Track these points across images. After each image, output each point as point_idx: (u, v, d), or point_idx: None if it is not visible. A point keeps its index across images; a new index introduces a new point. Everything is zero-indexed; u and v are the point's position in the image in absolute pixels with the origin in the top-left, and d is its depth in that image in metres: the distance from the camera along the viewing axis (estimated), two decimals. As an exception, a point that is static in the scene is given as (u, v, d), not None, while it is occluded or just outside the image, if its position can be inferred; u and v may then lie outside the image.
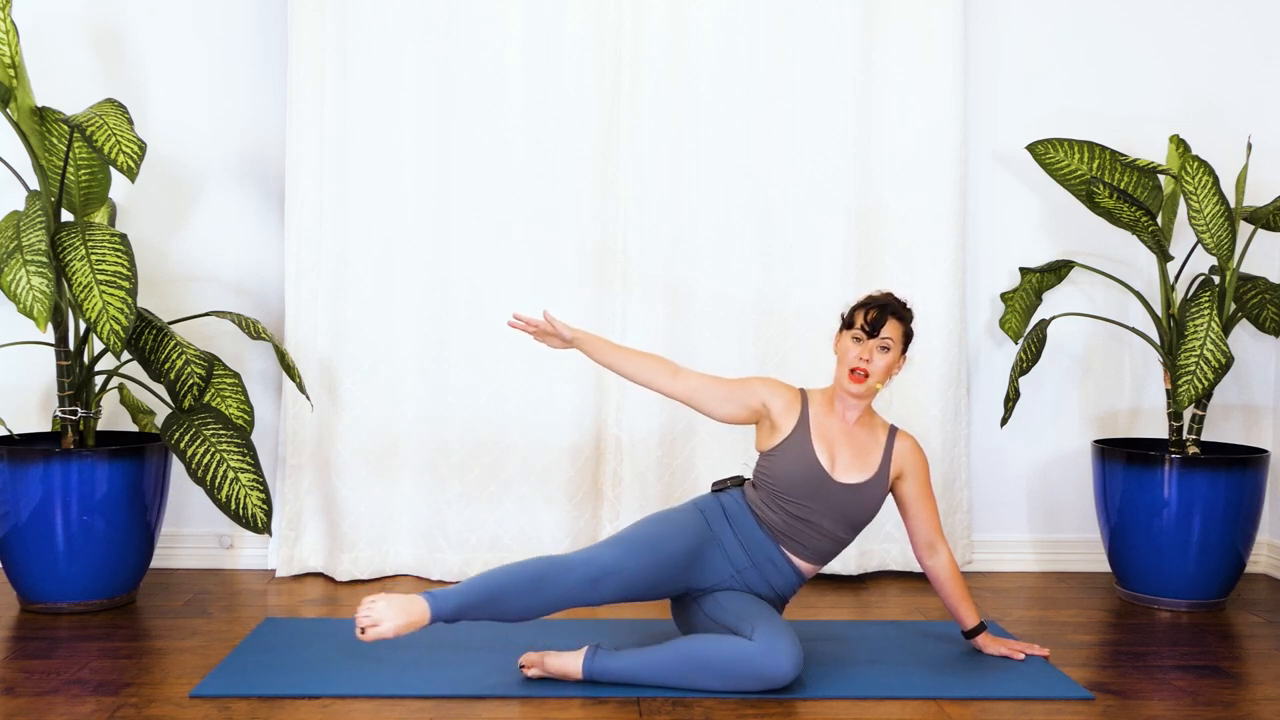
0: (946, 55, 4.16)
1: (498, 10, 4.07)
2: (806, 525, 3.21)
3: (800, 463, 3.21)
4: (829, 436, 3.25)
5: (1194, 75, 4.35)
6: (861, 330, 3.22)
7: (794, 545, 3.22)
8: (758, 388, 3.28)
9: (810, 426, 3.25)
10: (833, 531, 3.23)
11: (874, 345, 3.21)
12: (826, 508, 3.21)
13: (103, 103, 3.59)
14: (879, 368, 3.21)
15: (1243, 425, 4.41)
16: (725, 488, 3.32)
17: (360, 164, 4.08)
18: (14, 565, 3.68)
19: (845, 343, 3.25)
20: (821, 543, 3.24)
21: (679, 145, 4.13)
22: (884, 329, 3.21)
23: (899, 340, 3.24)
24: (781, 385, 3.31)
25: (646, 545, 3.11)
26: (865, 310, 3.24)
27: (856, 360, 3.20)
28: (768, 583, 3.23)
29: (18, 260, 3.41)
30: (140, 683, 3.08)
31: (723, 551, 3.21)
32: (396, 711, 2.91)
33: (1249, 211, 3.92)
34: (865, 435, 3.29)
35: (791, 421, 3.25)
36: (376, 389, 4.11)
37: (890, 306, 3.24)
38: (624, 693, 3.02)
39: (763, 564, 3.22)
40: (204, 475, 3.57)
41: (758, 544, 3.22)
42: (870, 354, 3.20)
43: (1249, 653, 3.51)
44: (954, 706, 2.99)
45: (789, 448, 3.22)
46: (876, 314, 3.21)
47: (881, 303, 3.24)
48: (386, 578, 4.14)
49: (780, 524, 3.21)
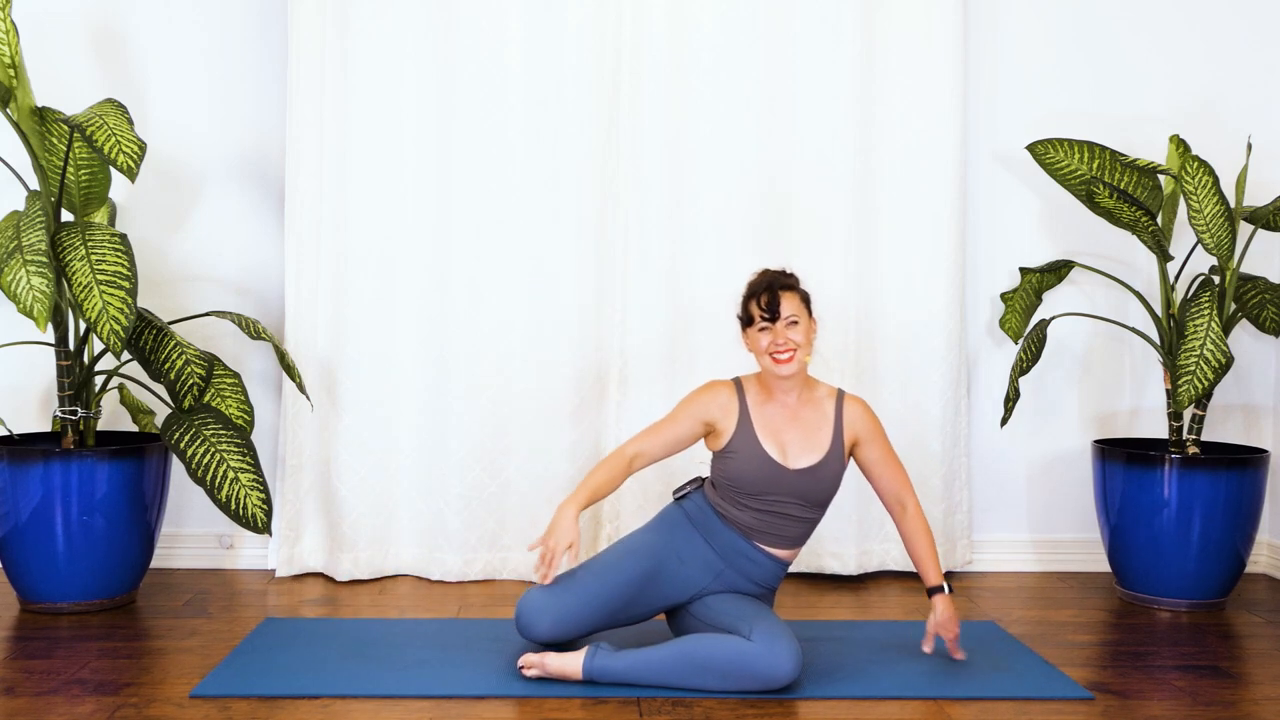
0: (946, 55, 4.16)
1: (498, 10, 4.07)
2: (772, 515, 3.20)
3: (751, 461, 3.19)
4: (773, 426, 3.22)
5: (1194, 75, 4.35)
6: (763, 319, 3.18)
7: (765, 537, 3.21)
8: (690, 411, 3.24)
9: (752, 421, 3.22)
10: (800, 515, 3.22)
11: (782, 327, 3.17)
12: (787, 495, 3.19)
13: (103, 103, 3.59)
14: (798, 340, 3.17)
15: (1243, 425, 4.41)
16: (686, 494, 3.30)
17: (360, 164, 4.08)
18: (14, 565, 3.68)
19: (754, 338, 3.21)
20: (791, 528, 3.22)
21: (679, 145, 4.13)
22: (782, 307, 3.17)
23: (801, 309, 3.20)
24: (709, 389, 3.27)
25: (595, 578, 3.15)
26: (756, 299, 3.19)
27: (774, 347, 3.17)
28: (748, 578, 3.22)
29: (18, 260, 3.41)
30: (140, 683, 3.08)
31: (694, 560, 3.20)
32: (396, 711, 2.91)
33: (1249, 211, 3.92)
34: (811, 412, 3.25)
35: (733, 421, 3.22)
36: (376, 389, 4.11)
37: (776, 283, 3.20)
38: (624, 693, 3.02)
39: (738, 561, 3.21)
40: (204, 475, 3.57)
41: (728, 543, 3.21)
42: (783, 337, 3.17)
43: (1249, 653, 3.51)
44: (954, 706, 2.99)
45: (737, 448, 3.20)
46: (769, 298, 3.17)
47: (767, 284, 3.20)
48: (386, 578, 4.14)
49: (747, 519, 3.20)
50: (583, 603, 3.13)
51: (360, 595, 3.95)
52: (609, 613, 3.15)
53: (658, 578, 3.18)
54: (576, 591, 3.13)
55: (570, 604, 3.12)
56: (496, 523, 4.13)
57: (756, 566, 3.22)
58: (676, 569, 3.19)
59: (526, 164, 4.10)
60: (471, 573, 4.12)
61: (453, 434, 4.11)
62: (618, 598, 3.15)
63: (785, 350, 3.15)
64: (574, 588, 3.14)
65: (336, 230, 4.09)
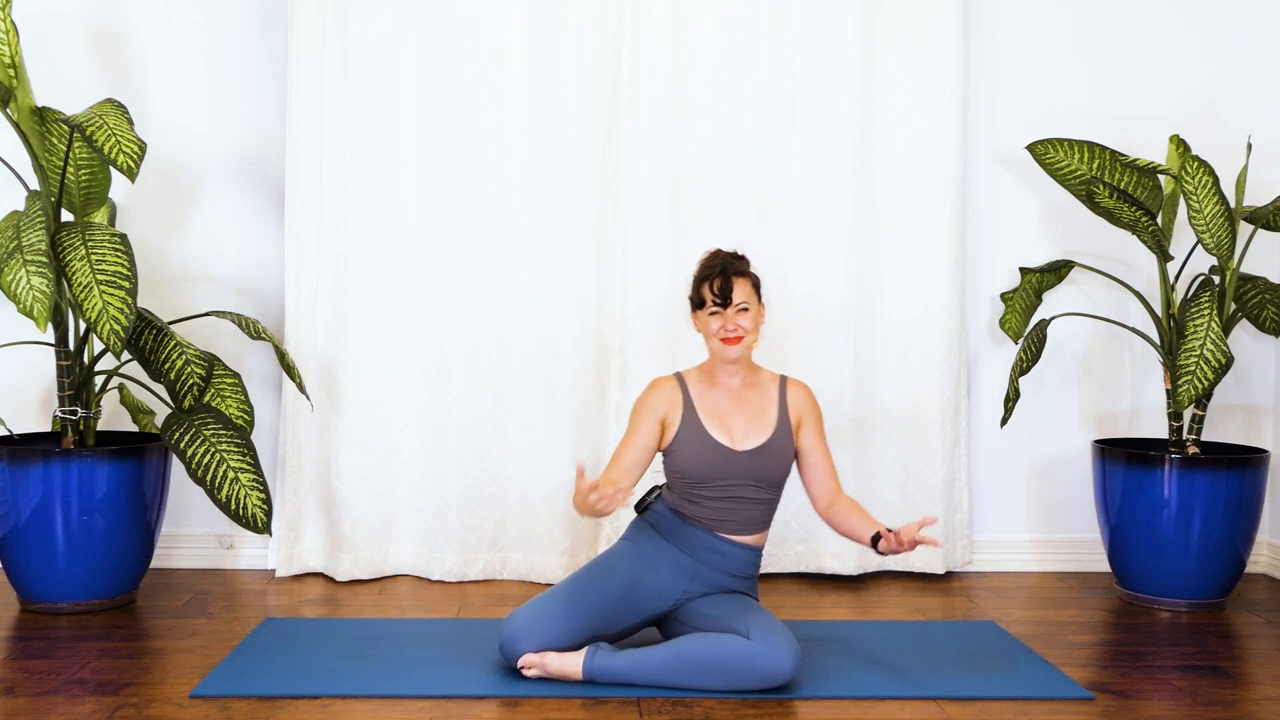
0: (946, 55, 4.16)
1: (498, 10, 4.07)
2: (729, 502, 3.20)
3: (699, 447, 3.19)
4: (718, 410, 3.24)
5: (1194, 75, 4.35)
6: (715, 304, 3.19)
7: (727, 525, 3.21)
8: (644, 413, 3.24)
9: (697, 409, 3.23)
10: (755, 496, 3.22)
11: (733, 313, 3.18)
12: (740, 478, 3.20)
13: (103, 103, 3.59)
14: (747, 326, 3.19)
15: (1243, 425, 4.41)
16: (648, 504, 3.30)
17: (360, 164, 4.08)
18: (14, 565, 3.68)
19: (704, 320, 3.22)
20: (749, 510, 3.22)
21: (679, 145, 4.13)
22: (735, 293, 3.18)
23: (751, 295, 3.22)
24: (654, 386, 3.29)
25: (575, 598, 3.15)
26: (709, 283, 3.20)
27: (724, 331, 3.18)
28: (724, 572, 3.22)
29: (18, 260, 3.41)
30: (140, 683, 3.08)
31: (667, 564, 3.20)
32: (396, 711, 2.91)
33: (1249, 211, 3.92)
34: (756, 395, 3.27)
35: (678, 412, 3.24)
36: (376, 389, 4.11)
37: (730, 268, 3.20)
38: (624, 693, 3.02)
39: (709, 557, 3.21)
40: (204, 475, 3.57)
41: (696, 541, 3.21)
42: (733, 322, 3.18)
43: (1249, 653, 3.51)
44: (954, 706, 2.98)
45: (684, 438, 3.21)
46: (722, 282, 3.18)
47: (722, 268, 3.20)
48: (386, 578, 4.14)
49: (705, 512, 3.20)
50: (564, 625, 3.11)
51: (360, 595, 3.95)
52: (592, 630, 3.14)
53: (635, 588, 3.18)
54: (557, 615, 3.12)
55: (552, 628, 3.11)
56: (496, 523, 4.13)
57: (728, 558, 3.22)
58: (652, 576, 3.19)
59: (526, 164, 4.10)
60: (471, 573, 4.12)
61: (453, 434, 4.11)
62: (599, 614, 3.14)
63: (734, 336, 3.19)
64: (555, 611, 3.13)
65: (336, 230, 4.09)
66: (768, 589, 4.02)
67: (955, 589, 4.10)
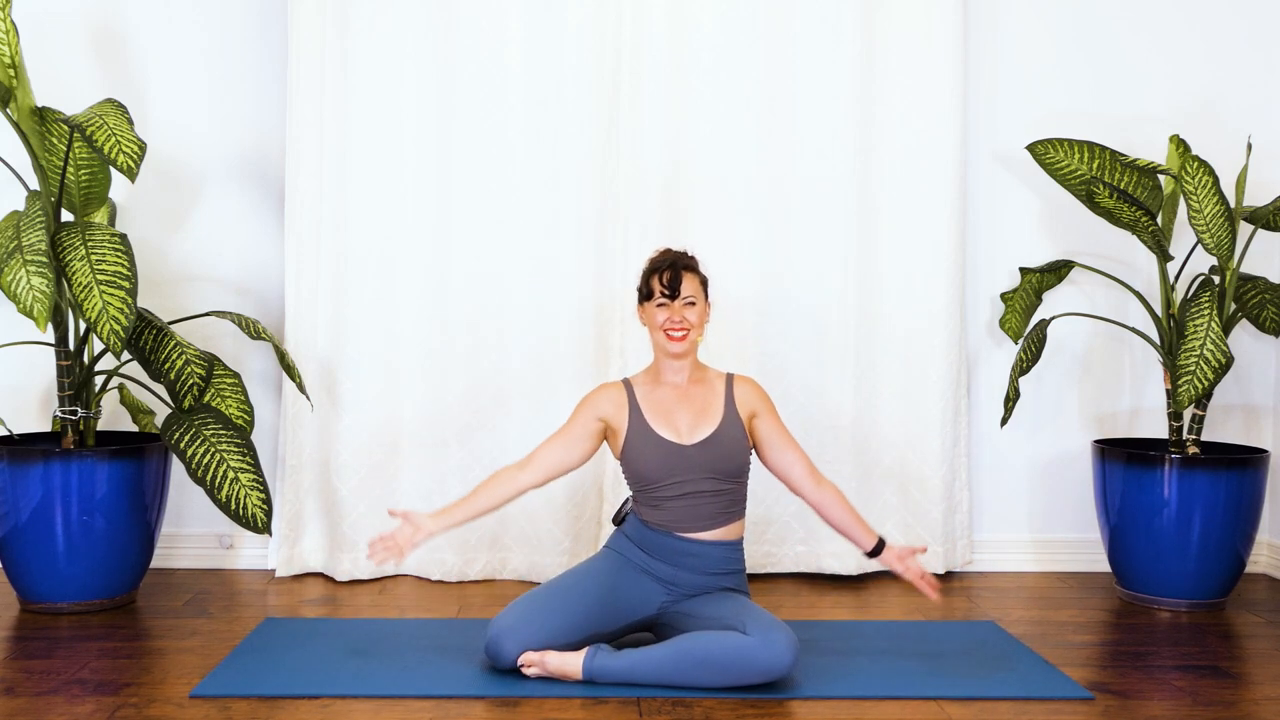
0: (946, 55, 4.16)
1: (498, 10, 4.07)
2: (688, 499, 3.21)
3: (650, 447, 3.22)
4: (664, 408, 3.26)
5: (1194, 75, 4.35)
6: (663, 295, 3.23)
7: (691, 525, 3.21)
8: (585, 410, 3.29)
9: (643, 410, 3.26)
10: (713, 489, 3.22)
11: (679, 305, 3.22)
12: (694, 473, 3.21)
13: (103, 103, 3.59)
14: (693, 320, 3.23)
15: (1243, 425, 4.41)
16: (624, 516, 3.33)
17: (360, 164, 4.08)
18: (14, 565, 3.68)
19: (651, 313, 3.27)
20: (710, 505, 3.22)
21: (679, 145, 4.13)
22: (683, 286, 3.23)
23: (699, 291, 3.27)
24: (599, 389, 3.33)
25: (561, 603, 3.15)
26: (658, 275, 3.25)
27: (669, 323, 3.22)
28: (703, 572, 3.22)
29: (18, 260, 3.41)
30: (140, 683, 3.08)
31: (645, 576, 3.22)
32: (396, 711, 2.91)
33: (1249, 211, 3.92)
34: (702, 391, 3.30)
35: (625, 415, 3.26)
36: (376, 389, 4.11)
37: (679, 263, 3.26)
38: (624, 692, 3.02)
39: (683, 560, 3.21)
40: (204, 475, 3.57)
41: (666, 548, 3.22)
42: (680, 315, 3.22)
43: (1249, 653, 3.51)
44: (954, 706, 2.99)
45: (634, 440, 3.23)
46: (671, 275, 3.23)
47: (671, 262, 3.26)
48: (386, 578, 4.14)
49: (668, 515, 3.21)
50: (549, 623, 3.11)
51: (360, 595, 3.96)
52: (579, 631, 3.14)
53: (617, 593, 3.19)
54: (543, 621, 3.12)
55: (537, 632, 3.11)
56: (496, 523, 4.13)
57: (701, 559, 3.22)
58: (631, 584, 3.21)
59: (526, 164, 4.10)
60: (471, 573, 4.12)
61: (452, 434, 4.11)
62: (584, 617, 3.14)
63: (680, 329, 3.22)
64: (540, 617, 3.13)
65: (336, 230, 4.09)
66: (768, 589, 4.02)
67: (955, 589, 4.10)
